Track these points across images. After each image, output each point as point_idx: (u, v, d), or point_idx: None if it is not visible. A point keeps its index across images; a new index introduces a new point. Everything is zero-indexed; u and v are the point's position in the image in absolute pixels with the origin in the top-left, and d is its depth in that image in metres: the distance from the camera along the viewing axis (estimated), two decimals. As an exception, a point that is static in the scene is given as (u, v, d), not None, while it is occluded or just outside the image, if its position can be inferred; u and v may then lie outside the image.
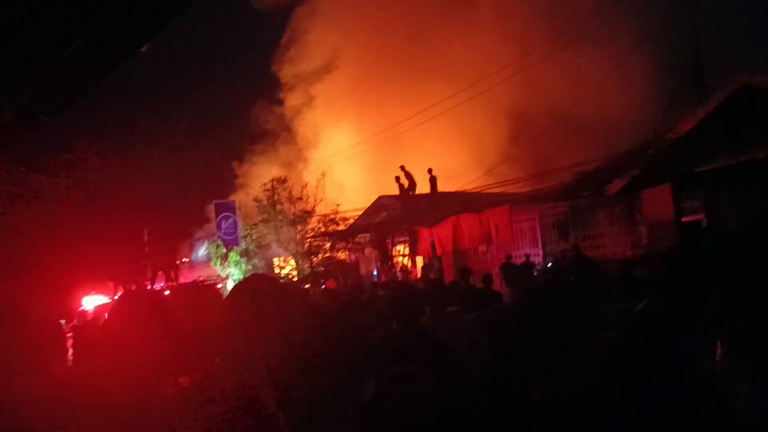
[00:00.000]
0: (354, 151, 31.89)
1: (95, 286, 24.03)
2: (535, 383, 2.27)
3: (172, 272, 19.81)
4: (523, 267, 14.62)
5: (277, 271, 23.12)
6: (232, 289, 2.60)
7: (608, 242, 15.54)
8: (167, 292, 18.63)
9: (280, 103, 36.19)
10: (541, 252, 17.34)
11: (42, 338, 2.40)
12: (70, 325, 19.06)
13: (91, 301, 22.30)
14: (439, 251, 17.89)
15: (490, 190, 21.67)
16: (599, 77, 27.42)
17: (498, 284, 11.93)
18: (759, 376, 1.13)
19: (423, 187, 22.31)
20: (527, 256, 15.92)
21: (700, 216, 15.03)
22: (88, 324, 17.43)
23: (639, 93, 28.16)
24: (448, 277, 14.82)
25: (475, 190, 22.48)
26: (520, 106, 32.92)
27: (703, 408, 2.73)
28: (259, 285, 2.50)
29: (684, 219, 14.31)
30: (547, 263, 16.17)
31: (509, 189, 20.90)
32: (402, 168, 22.30)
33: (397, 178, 22.28)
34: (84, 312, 21.41)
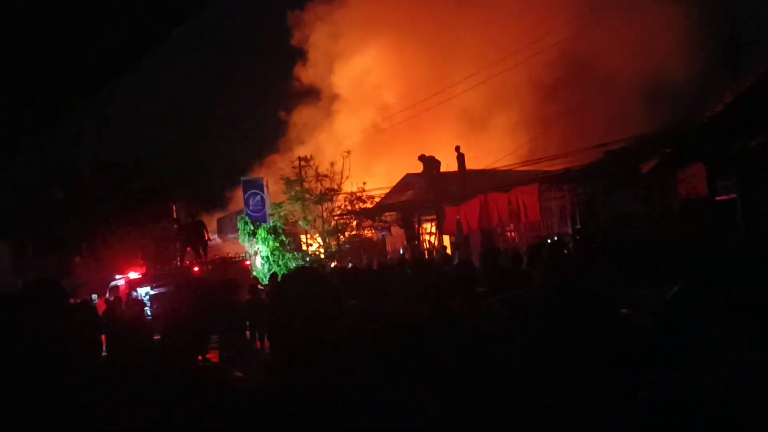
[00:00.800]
0: (381, 128, 31.84)
1: (127, 262, 24.48)
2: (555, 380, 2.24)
3: (201, 249, 20.04)
4: (550, 247, 14.42)
5: (304, 248, 23.24)
6: (282, 278, 2.59)
7: (640, 222, 15.29)
8: (196, 269, 18.92)
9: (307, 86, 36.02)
10: (570, 231, 17.13)
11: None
12: (103, 299, 19.48)
13: (123, 277, 22.71)
14: (465, 230, 17.79)
15: (519, 169, 21.46)
16: (632, 53, 26.96)
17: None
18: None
19: (451, 165, 22.14)
20: (557, 236, 15.73)
21: (733, 195, 14.71)
22: (119, 299, 17.79)
23: (674, 72, 27.62)
24: (475, 257, 14.75)
25: (503, 168, 22.28)
26: (550, 82, 32.43)
27: (736, 395, 2.67)
28: (306, 279, 2.48)
29: (718, 198, 14.02)
30: (574, 243, 15.99)
31: (539, 167, 20.68)
32: (420, 158, 22.10)
33: (421, 157, 22.07)
34: (116, 287, 21.84)
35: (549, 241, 15.39)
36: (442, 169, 22.27)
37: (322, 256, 22.43)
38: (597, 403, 1.97)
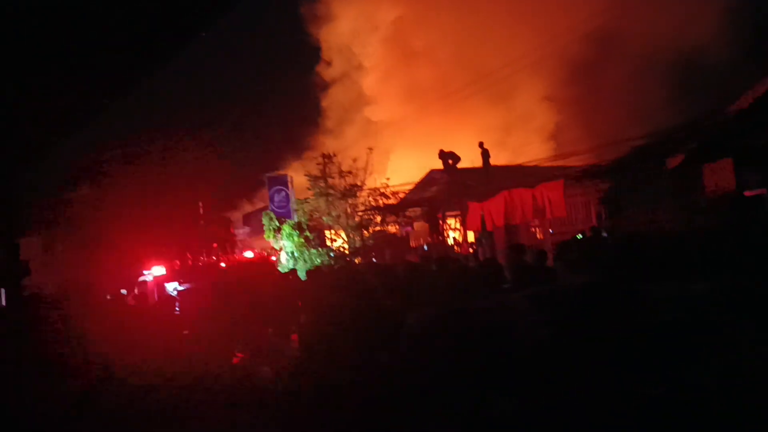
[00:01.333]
0: (404, 123, 31.89)
1: (154, 258, 24.85)
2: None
3: (228, 245, 20.28)
4: (579, 244, 14.36)
5: (328, 243, 23.37)
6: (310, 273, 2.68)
7: (665, 218, 15.15)
8: (223, 265, 19.16)
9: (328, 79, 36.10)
10: (596, 227, 17.04)
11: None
12: (131, 294, 19.83)
13: (150, 273, 23.08)
14: (489, 226, 17.77)
15: (544, 164, 21.38)
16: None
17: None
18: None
19: (475, 161, 22.10)
20: (582, 233, 15.65)
21: (762, 190, 14.51)
22: (147, 295, 18.10)
23: (708, 60, 27.26)
24: (499, 252, 14.76)
25: (528, 164, 22.20)
26: (574, 78, 32.20)
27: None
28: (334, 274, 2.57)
29: (746, 193, 13.84)
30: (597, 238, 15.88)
31: (563, 163, 20.58)
32: (440, 154, 22.02)
33: (441, 153, 21.99)
34: (144, 282, 22.20)
35: (579, 236, 15.34)
36: (467, 164, 22.24)
37: (347, 251, 22.52)
38: (615, 399, 2.01)
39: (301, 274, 16.72)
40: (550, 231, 17.92)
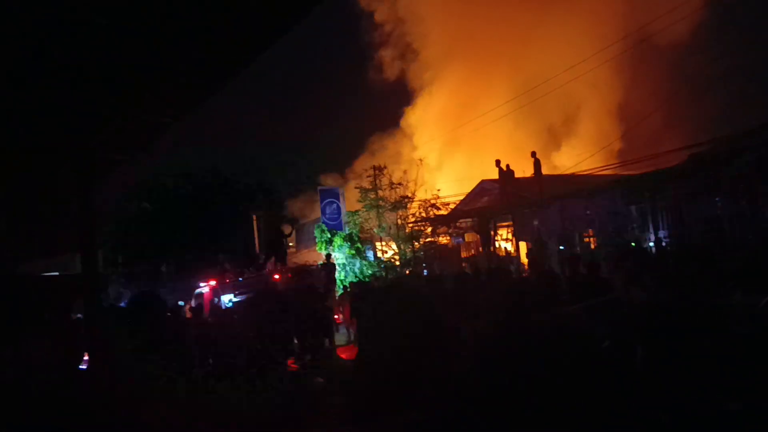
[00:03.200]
0: (455, 135, 31.83)
1: (210, 270, 25.40)
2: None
3: (281, 257, 20.54)
4: (635, 254, 14.06)
5: (379, 254, 23.48)
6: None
7: (728, 227, 14.68)
8: (276, 276, 19.43)
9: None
10: (653, 237, 16.65)
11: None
12: (188, 306, 20.29)
13: (207, 284, 23.56)
14: (542, 236, 17.57)
15: (599, 173, 21.01)
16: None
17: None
18: None
19: (526, 170, 21.89)
20: (635, 242, 15.33)
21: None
22: (202, 306, 18.49)
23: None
24: (551, 263, 14.56)
25: (581, 173, 21.86)
26: (629, 84, 31.64)
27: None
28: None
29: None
30: (657, 249, 15.51)
31: (618, 171, 20.18)
32: (497, 164, 21.86)
33: (497, 162, 21.88)
34: (200, 294, 22.67)
35: (633, 244, 15.01)
36: (519, 174, 22.04)
37: (397, 263, 22.58)
38: (691, 414, 1.97)
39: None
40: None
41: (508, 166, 21.86)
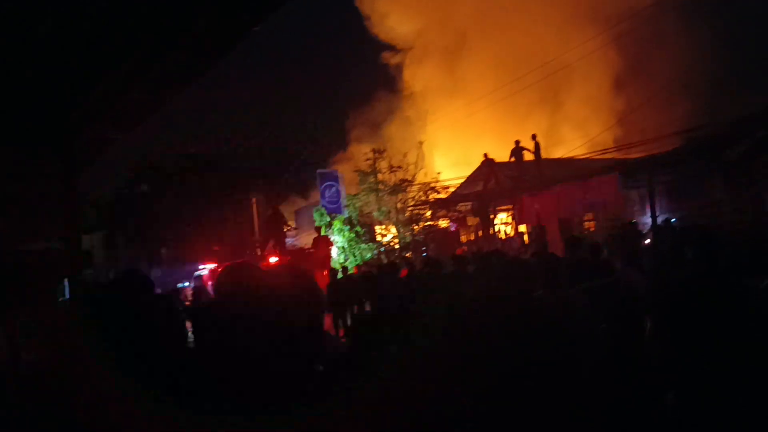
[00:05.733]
0: (456, 117, 31.74)
1: (209, 253, 25.45)
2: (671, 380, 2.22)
3: (280, 240, 20.53)
4: (630, 235, 14.05)
5: (378, 238, 23.48)
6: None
7: (726, 211, 14.70)
8: (274, 260, 19.44)
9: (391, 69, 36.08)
10: (649, 221, 16.68)
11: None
12: (188, 288, 20.33)
13: (206, 267, 23.63)
14: (542, 220, 17.57)
15: (596, 157, 20.98)
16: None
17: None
18: None
19: (526, 154, 21.82)
20: (633, 222, 15.31)
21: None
22: (203, 288, 18.55)
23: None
24: (552, 246, 14.57)
25: (581, 157, 21.83)
26: (627, 68, 31.50)
27: None
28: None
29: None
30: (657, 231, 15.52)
31: (618, 155, 20.16)
32: (516, 144, 21.67)
33: (517, 143, 21.59)
34: (200, 276, 22.71)
35: (633, 221, 14.99)
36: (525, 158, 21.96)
37: (397, 246, 22.60)
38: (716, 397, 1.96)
39: (351, 269, 16.93)
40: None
41: (486, 155, 22.01)
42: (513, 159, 21.42)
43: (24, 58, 4.69)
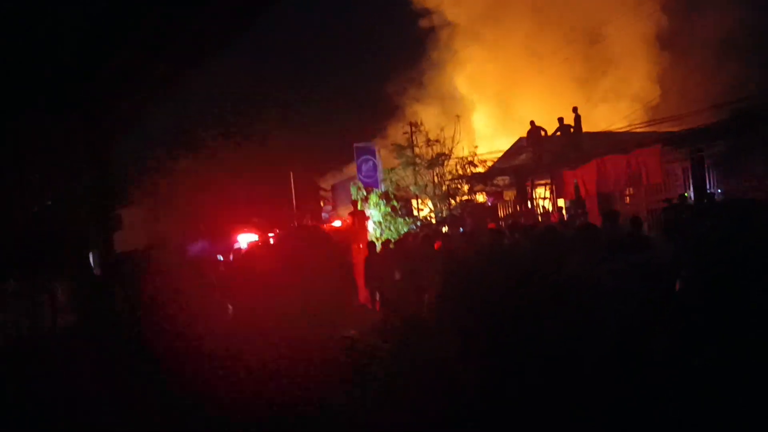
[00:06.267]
0: (495, 90, 31.31)
1: (248, 227, 25.76)
2: (704, 344, 2.16)
3: (317, 213, 20.68)
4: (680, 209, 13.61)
5: (415, 213, 23.42)
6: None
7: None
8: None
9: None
10: (693, 195, 16.25)
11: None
12: (225, 261, 20.66)
13: (244, 240, 23.97)
14: (582, 194, 17.27)
15: (637, 130, 20.48)
16: None
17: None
18: None
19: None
20: (685, 196, 14.89)
21: None
22: (242, 259, 18.82)
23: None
24: (592, 221, 14.32)
25: (622, 130, 21.33)
26: (672, 35, 30.52)
27: None
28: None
29: None
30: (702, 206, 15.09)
31: (661, 128, 19.63)
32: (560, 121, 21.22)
33: (560, 120, 21.18)
34: (239, 249, 23.07)
35: (686, 195, 14.60)
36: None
37: (434, 220, 22.51)
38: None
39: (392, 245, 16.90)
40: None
41: (533, 122, 21.52)
42: (559, 134, 21.01)
43: (52, 19, 4.67)
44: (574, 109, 20.90)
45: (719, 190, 14.92)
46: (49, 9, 4.51)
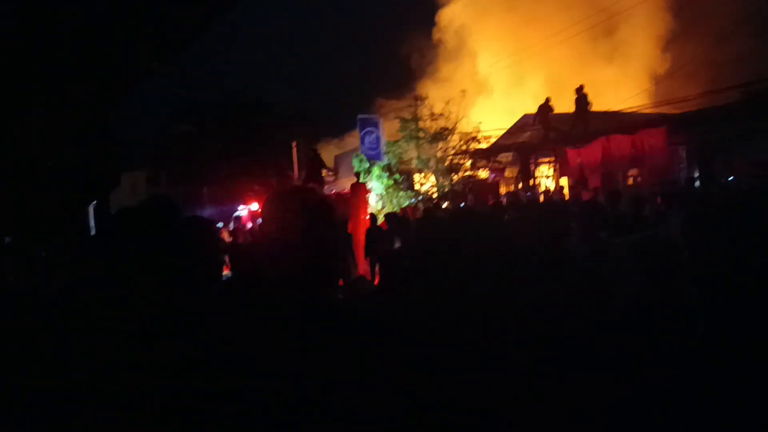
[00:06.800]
0: (500, 67, 31.00)
1: (249, 194, 25.69)
2: (698, 320, 2.15)
3: (319, 181, 20.61)
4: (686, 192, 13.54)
5: (417, 187, 23.35)
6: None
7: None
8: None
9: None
10: (699, 178, 16.16)
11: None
12: (226, 229, 20.65)
13: (246, 207, 23.95)
14: (586, 173, 17.19)
15: (644, 111, 20.33)
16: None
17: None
18: None
19: (573, 105, 21.24)
20: (691, 179, 14.81)
21: None
22: (242, 228, 18.81)
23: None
24: (595, 200, 14.26)
25: (628, 110, 21.17)
26: (677, 18, 30.15)
27: None
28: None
29: None
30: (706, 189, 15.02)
31: (667, 109, 19.48)
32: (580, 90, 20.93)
33: (580, 89, 20.88)
34: (239, 217, 23.05)
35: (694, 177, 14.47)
36: (563, 109, 21.43)
37: (435, 195, 22.44)
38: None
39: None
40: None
41: (548, 99, 21.28)
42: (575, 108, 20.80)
43: None
44: (580, 88, 20.74)
45: (731, 178, 14.77)
46: None
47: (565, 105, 21.43)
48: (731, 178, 14.55)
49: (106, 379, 1.56)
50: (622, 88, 27.07)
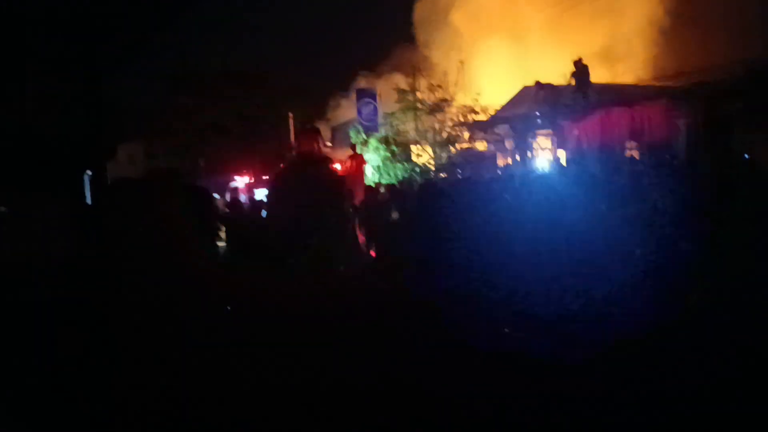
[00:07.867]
0: (500, 38, 30.71)
1: (245, 166, 25.64)
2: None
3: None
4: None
5: (414, 159, 23.26)
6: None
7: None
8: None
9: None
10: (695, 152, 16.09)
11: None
12: (222, 201, 20.64)
13: (242, 179, 23.94)
14: (584, 146, 17.15)
15: (645, 83, 20.21)
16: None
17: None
18: None
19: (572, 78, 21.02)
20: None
21: None
22: (237, 200, 18.79)
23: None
24: (592, 173, 14.23)
25: (628, 83, 21.06)
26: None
27: None
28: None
29: None
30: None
31: (666, 83, 19.37)
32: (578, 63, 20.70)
33: (578, 62, 20.69)
34: (235, 188, 23.04)
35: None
36: (562, 82, 21.21)
37: (432, 167, 22.38)
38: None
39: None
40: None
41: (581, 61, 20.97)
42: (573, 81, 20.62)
43: None
44: (579, 61, 20.52)
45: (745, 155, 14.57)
46: None
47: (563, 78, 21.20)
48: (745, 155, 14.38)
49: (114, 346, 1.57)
50: (623, 59, 26.86)
